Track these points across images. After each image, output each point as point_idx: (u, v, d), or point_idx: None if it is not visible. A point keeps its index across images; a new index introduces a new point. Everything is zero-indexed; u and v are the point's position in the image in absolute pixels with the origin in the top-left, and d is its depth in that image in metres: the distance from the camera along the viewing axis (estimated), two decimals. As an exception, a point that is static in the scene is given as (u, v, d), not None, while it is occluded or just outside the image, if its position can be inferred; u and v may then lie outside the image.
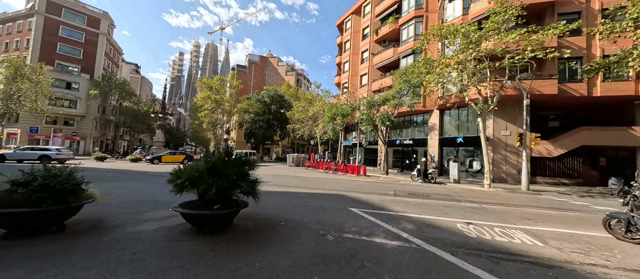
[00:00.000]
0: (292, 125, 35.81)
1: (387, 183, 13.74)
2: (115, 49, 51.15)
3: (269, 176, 14.44)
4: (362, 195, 8.85)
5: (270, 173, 16.90)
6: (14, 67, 31.28)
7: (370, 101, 18.57)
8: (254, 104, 41.98)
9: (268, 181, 11.83)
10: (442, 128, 21.41)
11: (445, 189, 12.21)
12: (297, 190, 9.75)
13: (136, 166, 18.80)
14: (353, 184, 12.55)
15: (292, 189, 9.84)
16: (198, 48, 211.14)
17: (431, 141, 21.77)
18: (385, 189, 10.99)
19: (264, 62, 68.40)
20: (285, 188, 10.11)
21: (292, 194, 8.62)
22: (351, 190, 10.28)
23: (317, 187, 10.70)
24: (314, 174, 18.22)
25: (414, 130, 24.34)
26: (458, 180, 14.95)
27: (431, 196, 9.51)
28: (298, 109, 34.66)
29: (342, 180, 14.29)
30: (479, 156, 18.58)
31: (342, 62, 35.24)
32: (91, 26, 43.38)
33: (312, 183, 12.03)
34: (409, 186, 12.62)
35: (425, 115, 23.08)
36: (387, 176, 19.08)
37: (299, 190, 9.59)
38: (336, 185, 11.65)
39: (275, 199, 7.49)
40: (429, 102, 21.80)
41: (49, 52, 39.23)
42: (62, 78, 39.56)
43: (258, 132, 43.41)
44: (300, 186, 10.67)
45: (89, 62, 43.17)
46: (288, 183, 11.57)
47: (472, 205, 7.89)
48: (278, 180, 12.73)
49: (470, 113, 19.22)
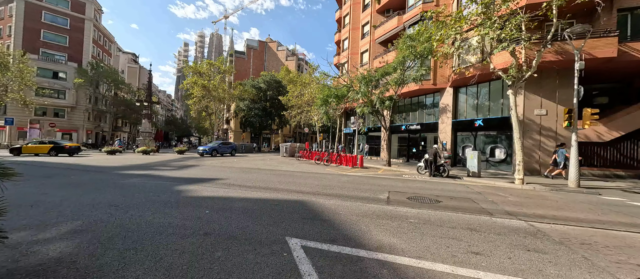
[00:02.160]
0: (287, 111, 32.73)
1: (385, 179, 10.59)
2: (105, 36, 48.85)
3: (237, 171, 11.56)
4: (335, 203, 5.77)
5: (246, 166, 14.04)
6: (-9, 55, 29.25)
7: (367, 76, 15.10)
8: (249, 90, 39.00)
9: (224, 179, 8.92)
10: (456, 110, 17.79)
11: (462, 187, 8.96)
12: (248, 193, 6.80)
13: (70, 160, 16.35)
14: (337, 181, 9.47)
15: (242, 192, 6.89)
16: (203, 39, 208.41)
17: (443, 126, 18.24)
18: (377, 189, 7.87)
19: (263, 47, 64.80)
20: (236, 190, 7.17)
21: (231, 201, 5.67)
22: (326, 192, 7.22)
23: (282, 187, 7.70)
24: (301, 167, 15.25)
25: (422, 113, 20.76)
26: (478, 172, 11.60)
27: (443, 202, 6.32)
28: (293, 94, 31.48)
29: (327, 175, 11.24)
30: (503, 142, 15.01)
31: (341, 40, 31.47)
32: (76, 11, 40.96)
33: (283, 180, 9.05)
34: (413, 184, 9.43)
35: (435, 94, 19.42)
36: (388, 167, 15.87)
37: (249, 194, 6.63)
38: (311, 184, 8.62)
39: (178, 215, 4.52)
40: (441, 78, 18.11)
41: (32, 40, 37.24)
42: (48, 67, 37.68)
43: (254, 120, 40.63)
44: (260, 187, 7.71)
45: (76, 50, 41.07)
46: (249, 182, 8.64)
47: (517, 224, 4.68)
48: (244, 177, 9.81)
49: (493, 90, 15.51)
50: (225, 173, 10.69)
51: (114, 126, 52.67)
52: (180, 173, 10.32)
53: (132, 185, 7.35)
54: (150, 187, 7.15)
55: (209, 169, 12.23)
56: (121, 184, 7.54)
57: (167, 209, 4.86)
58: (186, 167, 12.85)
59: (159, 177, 9.19)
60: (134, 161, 15.27)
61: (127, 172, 10.29)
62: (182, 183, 8.03)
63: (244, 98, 39.47)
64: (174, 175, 9.91)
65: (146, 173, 10.07)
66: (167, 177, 9.23)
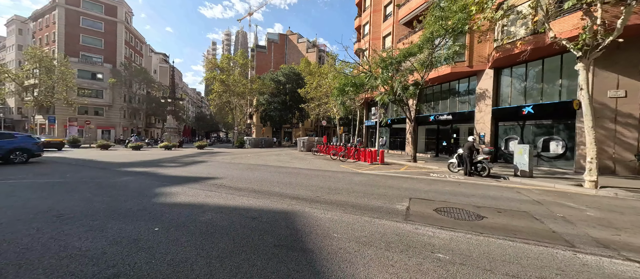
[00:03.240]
0: (306, 104, 31.52)
1: (408, 179, 8.81)
2: (136, 38, 51.62)
3: (241, 168, 10.57)
4: (332, 218, 4.33)
5: (255, 162, 13.07)
6: (36, 59, 32.09)
7: (387, 59, 13.08)
8: (268, 84, 38.44)
9: (220, 178, 7.89)
10: (497, 95, 15.02)
11: (511, 192, 6.91)
12: (232, 198, 5.65)
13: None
14: (347, 181, 7.95)
15: (225, 197, 5.77)
16: (229, 37, 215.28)
17: (480, 115, 15.58)
18: (395, 194, 6.22)
19: (283, 40, 64.05)
20: (221, 194, 6.09)
21: (202, 211, 4.53)
22: (328, 198, 5.78)
23: (277, 190, 6.43)
24: (314, 163, 13.92)
25: (454, 101, 18.10)
26: (529, 171, 9.24)
27: (488, 218, 4.52)
28: (311, 86, 30.12)
29: (338, 174, 9.74)
30: (561, 133, 12.18)
31: (361, 25, 29.17)
32: (109, 15, 43.51)
33: (284, 180, 7.79)
34: (443, 186, 7.56)
35: (470, 79, 16.68)
36: (413, 164, 13.87)
37: (231, 201, 5.47)
38: (315, 185, 7.22)
39: (112, 235, 3.41)
40: (478, 58, 15.37)
41: (73, 44, 40.34)
42: (87, 69, 40.63)
43: (274, 115, 40.16)
44: (252, 189, 6.55)
45: (110, 52, 43.82)
46: (244, 182, 7.55)
47: (624, 268, 2.81)
48: (243, 176, 8.75)
49: (548, 69, 12.61)
50: (226, 171, 9.73)
51: (147, 123, 56.13)
52: (179, 171, 9.57)
53: (114, 185, 6.58)
54: (133, 188, 6.31)
55: (214, 166, 11.41)
56: (106, 183, 6.83)
57: (112, 222, 3.81)
58: (192, 163, 12.22)
59: (153, 175, 8.47)
60: (148, 157, 15.16)
61: (127, 169, 9.79)
62: (170, 183, 7.12)
63: (263, 92, 39.07)
64: (171, 172, 9.16)
65: (145, 171, 9.48)
66: (162, 175, 8.47)
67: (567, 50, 11.23)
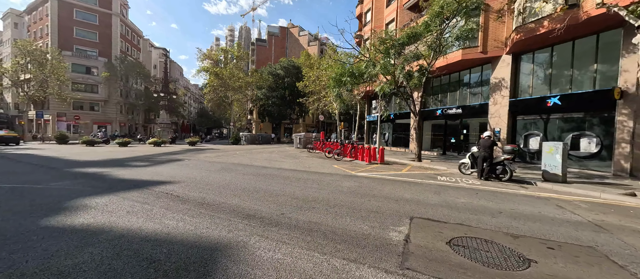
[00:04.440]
0: (304, 98, 29.82)
1: (410, 184, 7.11)
2: (133, 31, 50.40)
3: (214, 169, 9.00)
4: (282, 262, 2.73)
5: (237, 161, 11.51)
6: (26, 52, 31.03)
7: (388, 40, 11.21)
8: (266, 77, 36.78)
9: (176, 182, 6.32)
10: (515, 85, 13.11)
11: (549, 207, 5.17)
12: (161, 217, 4.12)
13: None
14: (332, 189, 6.30)
15: (153, 215, 4.24)
16: (232, 33, 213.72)
17: (495, 108, 13.69)
18: (391, 211, 4.55)
19: (284, 34, 62.12)
20: (149, 211, 4.57)
21: (87, 244, 2.95)
22: (293, 218, 4.18)
23: (234, 203, 4.87)
24: (305, 162, 12.31)
25: (465, 93, 16.20)
26: (562, 175, 7.43)
27: (537, 262, 2.82)
28: (310, 79, 28.38)
29: (325, 177, 8.10)
30: (595, 128, 10.27)
31: (363, 13, 27.16)
32: (103, 7, 42.23)
33: (252, 186, 6.21)
34: (456, 196, 5.85)
35: (484, 67, 14.75)
36: (418, 163, 12.13)
37: (149, 225, 3.93)
38: (289, 194, 5.61)
39: None
40: (493, 43, 13.44)
41: (66, 37, 39.23)
42: (81, 63, 39.53)
43: (272, 110, 38.57)
44: (202, 201, 5.02)
45: (105, 45, 42.65)
46: (201, 189, 6.02)
47: None
48: (208, 178, 7.20)
49: (580, 52, 10.65)
50: (194, 172, 8.18)
51: (146, 118, 55.17)
52: (137, 172, 8.05)
53: (30, 192, 5.06)
54: (47, 197, 4.78)
55: (186, 166, 9.88)
56: (22, 190, 5.32)
57: None
58: (164, 163, 10.71)
59: (100, 179, 6.96)
60: (122, 155, 13.75)
61: (78, 170, 8.32)
62: (104, 191, 5.58)
63: (261, 86, 37.46)
64: (125, 175, 7.64)
65: (97, 172, 7.98)
66: (109, 178, 6.95)
67: (607, 28, 9.31)
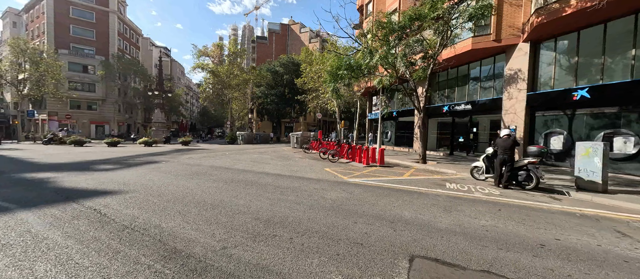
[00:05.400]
0: (303, 96, 28.53)
1: (412, 196, 5.76)
2: (131, 29, 49.68)
3: (186, 174, 7.77)
4: None
5: (216, 164, 10.28)
6: (19, 51, 30.38)
7: (387, 24, 9.78)
8: (264, 75, 35.58)
9: (129, 192, 5.09)
10: (534, 77, 11.59)
11: (611, 234, 3.77)
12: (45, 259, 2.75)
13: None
14: (314, 202, 5.01)
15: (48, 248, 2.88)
16: (236, 32, 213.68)
17: (510, 103, 12.19)
18: (385, 239, 3.25)
19: (285, 30, 60.86)
20: (45, 241, 3.18)
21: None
22: (240, 256, 2.84)
23: (174, 227, 3.64)
24: (296, 165, 11.04)
25: (474, 88, 14.70)
26: (603, 183, 5.98)
27: None
28: (309, 75, 27.05)
29: (311, 183, 6.80)
30: (634, 125, 8.73)
31: (364, 4, 25.67)
32: (100, 4, 41.50)
33: (220, 199, 4.98)
34: (473, 214, 4.48)
35: (496, 58, 13.25)
36: (422, 165, 10.74)
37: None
38: (257, 211, 4.37)
39: None
40: (509, 30, 11.93)
41: (63, 35, 38.62)
42: (78, 62, 38.88)
43: (271, 108, 37.41)
44: (136, 222, 3.82)
45: (102, 43, 41.96)
46: (138, 207, 4.81)
47: None
48: (168, 187, 5.99)
49: (612, 36, 9.11)
50: (160, 179, 6.96)
51: (145, 117, 54.56)
52: (92, 178, 6.86)
53: None
54: None
55: (158, 170, 8.69)
56: None
57: None
58: (137, 165, 9.55)
59: (38, 186, 5.79)
60: (98, 156, 12.66)
61: (28, 175, 7.18)
62: (20, 205, 4.38)
63: (260, 84, 36.30)
64: (75, 181, 6.45)
65: (46, 177, 6.83)
66: (49, 187, 5.77)
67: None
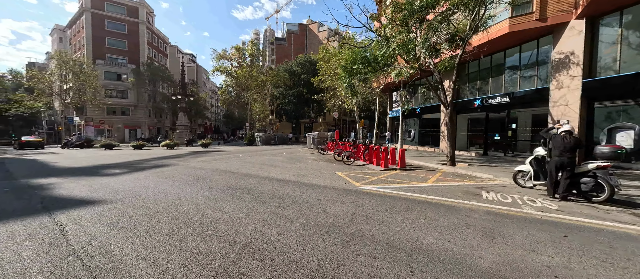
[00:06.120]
0: (319, 95, 27.73)
1: (437, 211, 4.58)
2: (159, 38, 52.54)
3: (186, 180, 7.28)
4: None
5: (223, 168, 9.78)
6: (62, 63, 33.26)
7: (406, 4, 8.46)
8: (282, 75, 35.40)
9: (115, 201, 4.60)
10: (591, 61, 9.59)
11: None
12: None
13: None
14: (311, 219, 4.09)
15: None
16: (258, 36, 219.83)
17: (559, 94, 10.26)
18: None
19: (303, 30, 60.61)
20: None
21: None
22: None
23: (118, 255, 2.86)
24: (307, 167, 10.21)
25: (513, 77, 12.77)
26: None
27: None
28: (326, 74, 26.17)
29: (316, 194, 5.89)
30: None
31: (382, -6, 24.16)
32: (131, 16, 44.33)
33: (202, 213, 4.30)
34: (529, 246, 3.25)
35: (540, 41, 11.29)
36: (451, 168, 9.31)
37: None
38: (236, 233, 3.58)
39: None
40: (555, 6, 10.02)
41: (100, 47, 41.80)
42: (113, 71, 41.85)
43: (289, 108, 37.12)
44: (80, 246, 3.06)
45: (133, 53, 44.78)
46: (106, 224, 4.14)
47: None
48: (156, 197, 5.46)
49: None
50: (157, 185, 6.51)
51: (173, 121, 57.48)
52: (89, 184, 6.60)
53: None
54: None
55: (160, 175, 8.36)
56: None
57: None
58: (144, 169, 9.36)
59: (32, 193, 5.56)
60: (115, 160, 12.88)
61: (34, 181, 7.14)
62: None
63: (277, 84, 36.20)
64: (71, 188, 6.20)
65: (49, 183, 6.70)
66: (41, 194, 5.51)
67: None
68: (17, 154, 18.04)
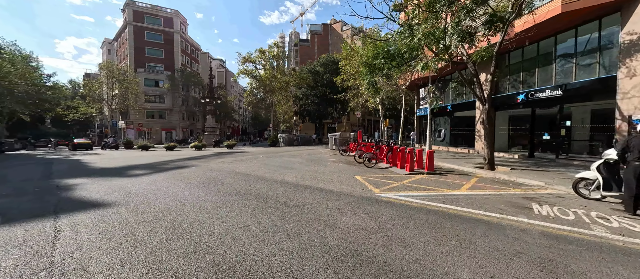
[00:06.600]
0: (342, 94, 26.99)
1: (473, 230, 3.70)
2: (192, 45, 55.89)
3: (200, 182, 7.17)
4: None
5: (240, 171, 9.61)
6: (109, 73, 36.85)
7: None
8: (305, 76, 35.30)
9: (120, 204, 4.53)
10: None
11: None
12: None
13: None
14: (317, 236, 3.52)
15: None
16: (283, 39, 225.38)
17: (631, 84, 8.42)
18: None
19: (327, 31, 60.22)
20: None
21: None
22: None
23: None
24: (326, 169, 9.66)
25: (565, 66, 10.91)
26: None
27: None
28: (348, 72, 25.36)
29: (330, 200, 5.29)
30: None
31: (409, -14, 22.69)
32: (167, 26, 47.74)
33: (201, 223, 3.98)
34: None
35: (603, 21, 9.42)
36: (488, 173, 8.07)
37: None
38: (224, 256, 3.13)
39: None
40: (626, -24, 8.22)
41: (140, 56, 45.65)
42: (151, 77, 45.43)
43: (312, 109, 36.88)
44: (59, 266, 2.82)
45: (169, 60, 48.16)
46: (105, 238, 3.93)
47: None
48: (165, 201, 5.32)
49: None
50: (170, 188, 6.45)
51: (203, 123, 60.80)
52: (107, 186, 6.75)
53: None
54: None
55: (178, 176, 8.40)
56: None
57: None
58: (166, 170, 9.56)
59: (54, 193, 5.78)
60: (145, 160, 13.54)
61: (65, 181, 7.56)
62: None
63: (300, 85, 36.21)
64: (91, 189, 6.37)
65: (77, 183, 7.01)
66: (60, 196, 5.69)
67: None
68: (69, 154, 20.06)
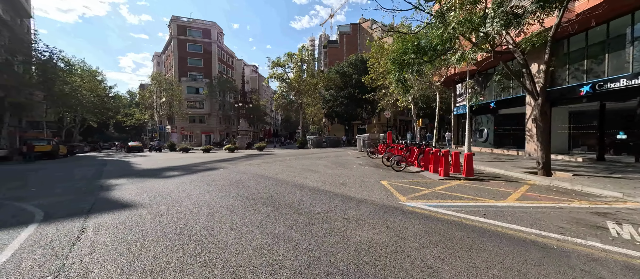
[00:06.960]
0: (371, 94, 26.08)
1: (526, 260, 2.95)
2: (227, 54, 59.47)
3: (224, 185, 7.29)
4: None
5: (264, 173, 9.64)
6: (156, 82, 40.98)
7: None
8: (333, 77, 35.03)
9: (140, 206, 4.74)
10: None
11: None
12: None
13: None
14: (326, 253, 3.13)
15: None
16: (313, 43, 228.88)
17: None
18: None
19: (356, 30, 59.22)
20: None
21: None
22: None
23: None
24: (350, 173, 9.23)
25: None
26: None
27: None
28: (377, 71, 24.41)
29: (349, 209, 4.85)
30: None
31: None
32: (205, 37, 51.51)
33: (210, 230, 3.89)
34: None
35: None
36: (544, 180, 6.83)
37: None
38: (222, 273, 2.83)
39: None
40: None
41: (183, 67, 49.93)
42: (192, 85, 49.38)
43: (340, 110, 36.37)
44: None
45: (207, 68, 51.86)
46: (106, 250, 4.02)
47: None
48: (185, 205, 5.43)
49: None
50: (193, 191, 6.64)
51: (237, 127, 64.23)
52: (139, 187, 7.20)
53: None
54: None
55: (204, 179, 8.70)
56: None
57: None
58: (196, 172, 10.02)
59: (91, 194, 6.31)
60: (181, 162, 14.49)
61: (107, 181, 8.32)
62: (13, 223, 4.48)
63: (329, 87, 36.01)
64: (124, 190, 6.85)
65: (116, 184, 7.65)
66: (98, 196, 6.18)
67: None
68: (123, 156, 22.58)
